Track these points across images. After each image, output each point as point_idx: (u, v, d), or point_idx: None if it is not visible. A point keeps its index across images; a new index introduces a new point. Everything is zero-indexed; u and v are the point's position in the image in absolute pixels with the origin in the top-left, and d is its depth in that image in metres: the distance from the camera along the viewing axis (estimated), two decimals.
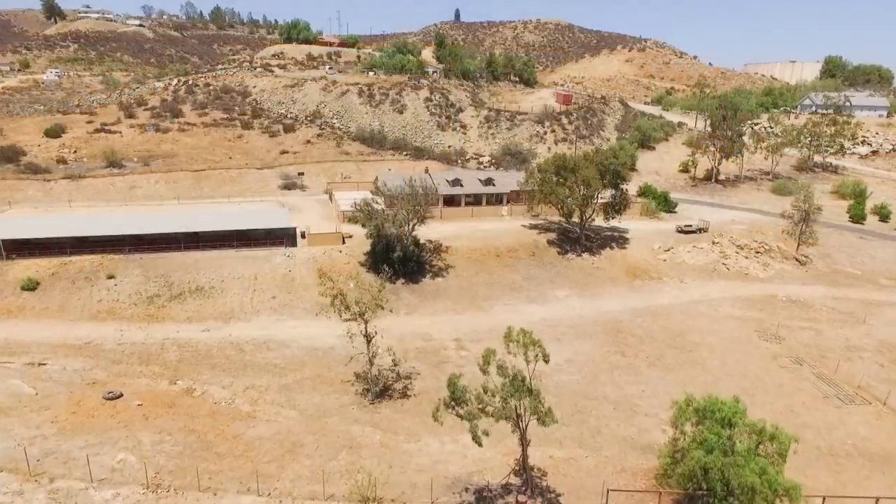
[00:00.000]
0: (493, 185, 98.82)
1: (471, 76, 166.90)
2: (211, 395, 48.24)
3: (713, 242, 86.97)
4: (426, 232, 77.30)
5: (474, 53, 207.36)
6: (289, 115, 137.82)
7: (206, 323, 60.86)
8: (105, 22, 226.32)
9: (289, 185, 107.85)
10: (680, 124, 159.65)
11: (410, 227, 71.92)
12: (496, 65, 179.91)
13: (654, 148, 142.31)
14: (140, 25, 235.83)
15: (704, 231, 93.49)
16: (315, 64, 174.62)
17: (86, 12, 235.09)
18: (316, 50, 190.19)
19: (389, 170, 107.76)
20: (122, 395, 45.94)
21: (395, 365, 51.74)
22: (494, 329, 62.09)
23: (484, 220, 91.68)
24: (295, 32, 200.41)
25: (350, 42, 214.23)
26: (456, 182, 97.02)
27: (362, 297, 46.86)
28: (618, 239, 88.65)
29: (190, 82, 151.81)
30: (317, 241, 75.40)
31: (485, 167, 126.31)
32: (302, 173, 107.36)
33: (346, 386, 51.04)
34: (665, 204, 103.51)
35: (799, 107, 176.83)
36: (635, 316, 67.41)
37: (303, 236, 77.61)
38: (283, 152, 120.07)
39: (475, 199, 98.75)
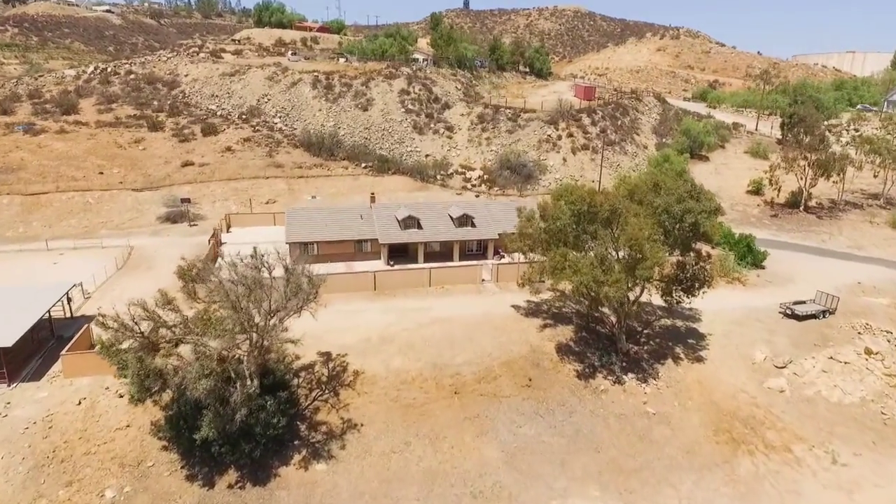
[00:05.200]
0: (472, 225, 56.98)
1: (468, 64, 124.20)
2: None
3: (868, 353, 44.04)
4: (327, 326, 36.42)
5: (477, 39, 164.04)
6: (220, 112, 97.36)
7: None
8: (63, 6, 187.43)
9: (174, 217, 67.50)
10: (735, 126, 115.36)
11: (252, 360, 30.81)
12: (501, 52, 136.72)
13: (707, 158, 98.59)
14: (108, 11, 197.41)
15: (831, 314, 50.68)
16: (283, 51, 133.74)
17: None
18: (290, 35, 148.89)
19: (313, 197, 66.31)
20: None
21: None
22: None
23: (449, 293, 49.84)
24: (266, 15, 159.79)
25: (335, 28, 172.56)
26: (409, 222, 55.36)
27: None
28: (684, 336, 46.37)
29: (108, 70, 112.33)
30: (82, 368, 34.54)
31: (473, 186, 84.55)
32: (187, 200, 66.55)
33: None
34: (749, 255, 60.67)
35: (886, 103, 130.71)
36: None
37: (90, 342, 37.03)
38: (186, 164, 79.37)
39: (443, 250, 57.12)
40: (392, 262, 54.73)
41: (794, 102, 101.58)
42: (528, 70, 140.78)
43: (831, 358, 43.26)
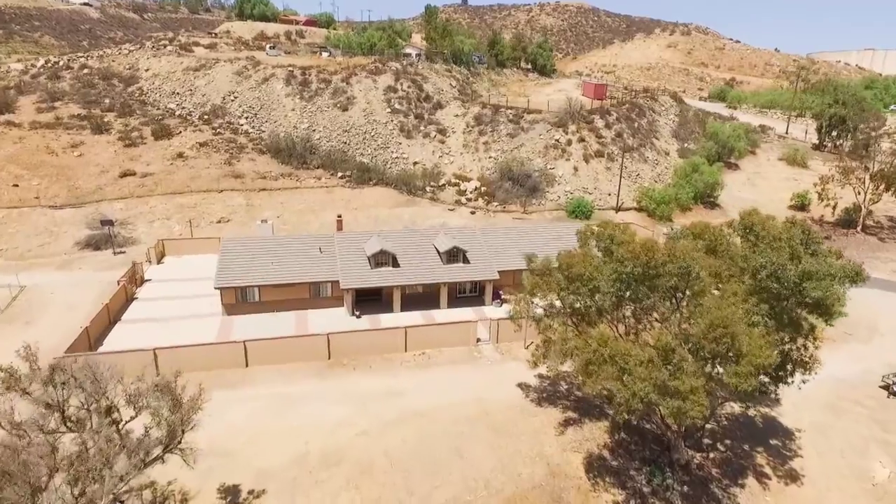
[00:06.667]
0: (465, 260, 42.70)
1: (465, 60, 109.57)
2: None
3: None
4: (247, 426, 22.36)
5: (475, 34, 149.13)
6: (179, 111, 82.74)
7: None
8: None
9: (97, 242, 53.01)
10: (762, 128, 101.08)
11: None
12: (501, 47, 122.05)
13: (737, 166, 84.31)
14: (86, 4, 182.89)
15: None
16: (264, 45, 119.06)
17: None
18: (273, 28, 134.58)
19: (264, 221, 51.49)
20: None
21: None
22: None
23: (432, 362, 35.44)
24: (248, 7, 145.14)
25: (323, 21, 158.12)
26: (382, 258, 41.09)
27: None
28: (762, 433, 32.06)
29: (60, 64, 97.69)
30: None
31: (469, 200, 70.13)
32: (110, 222, 52.00)
33: None
34: None
35: None
36: None
37: None
38: (126, 174, 64.80)
39: (427, 292, 42.83)
40: (359, 313, 40.42)
41: (835, 103, 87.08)
42: (530, 67, 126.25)
43: None
